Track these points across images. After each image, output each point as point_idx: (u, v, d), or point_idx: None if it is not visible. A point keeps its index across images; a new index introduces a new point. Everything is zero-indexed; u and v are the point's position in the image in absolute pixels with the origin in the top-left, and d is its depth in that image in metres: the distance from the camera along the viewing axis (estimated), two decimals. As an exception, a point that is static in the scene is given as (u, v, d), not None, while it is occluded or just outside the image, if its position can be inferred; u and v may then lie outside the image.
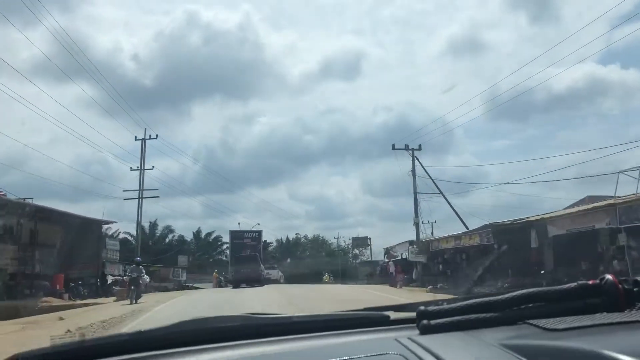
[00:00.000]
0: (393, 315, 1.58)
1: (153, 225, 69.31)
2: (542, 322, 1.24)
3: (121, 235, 63.72)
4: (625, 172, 24.25)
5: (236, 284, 35.95)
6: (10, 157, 63.70)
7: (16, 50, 66.84)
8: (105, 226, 38.02)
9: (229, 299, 22.61)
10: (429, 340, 1.25)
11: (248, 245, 60.68)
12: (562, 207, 28.83)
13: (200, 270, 65.19)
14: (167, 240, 71.57)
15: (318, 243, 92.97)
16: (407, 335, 1.31)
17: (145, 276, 27.13)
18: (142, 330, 1.47)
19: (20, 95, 64.34)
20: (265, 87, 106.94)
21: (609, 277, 1.32)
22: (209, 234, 78.03)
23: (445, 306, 1.40)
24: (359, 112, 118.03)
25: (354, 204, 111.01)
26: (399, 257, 42.50)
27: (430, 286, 30.28)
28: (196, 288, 43.57)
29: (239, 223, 62.26)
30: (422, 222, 39.57)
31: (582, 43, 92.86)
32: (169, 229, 70.43)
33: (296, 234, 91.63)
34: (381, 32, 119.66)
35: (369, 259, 65.46)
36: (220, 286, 43.96)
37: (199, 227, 78.51)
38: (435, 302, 1.52)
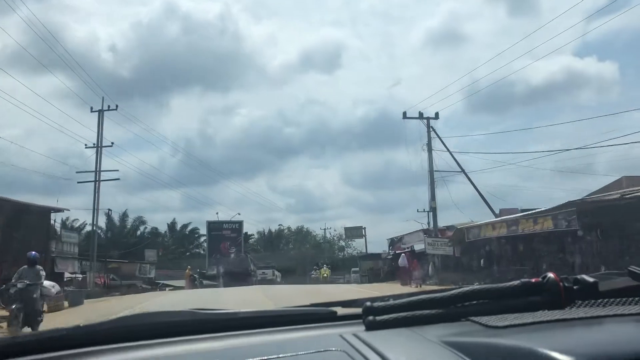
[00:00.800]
0: (340, 311, 1.56)
1: (123, 216, 63.47)
2: (484, 320, 1.25)
3: (87, 228, 58.33)
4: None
5: (226, 284, 35.50)
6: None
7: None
8: (64, 216, 31.92)
9: (207, 302, 17.62)
10: (372, 336, 1.26)
11: (227, 238, 55.21)
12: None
13: (174, 265, 60.00)
14: (138, 232, 65.78)
15: (302, 235, 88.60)
16: (352, 332, 1.31)
17: (48, 283, 15.85)
18: (81, 324, 1.43)
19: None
20: (245, 78, 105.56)
21: (550, 275, 1.33)
22: (184, 226, 72.21)
23: (391, 302, 1.40)
24: (340, 104, 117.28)
25: (334, 197, 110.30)
26: (408, 249, 37.16)
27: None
28: (167, 286, 37.68)
29: (217, 213, 56.72)
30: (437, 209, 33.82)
31: (559, 35, 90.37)
32: (140, 220, 64.46)
33: (279, 225, 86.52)
34: (361, 24, 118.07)
35: (362, 252, 59.67)
36: (195, 286, 38.16)
37: (174, 219, 72.82)
38: (382, 298, 1.51)
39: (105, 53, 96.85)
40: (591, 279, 1.34)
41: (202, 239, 67.35)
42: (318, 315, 1.56)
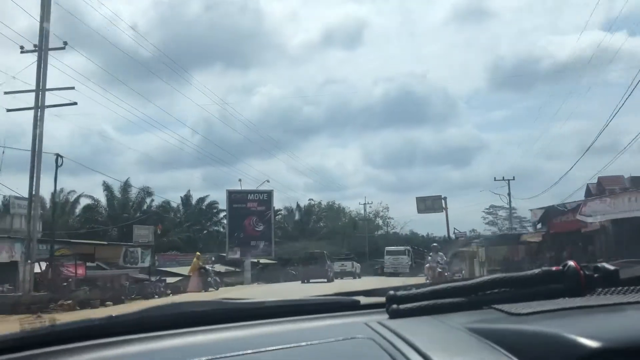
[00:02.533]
0: (363, 300, 1.59)
1: (125, 186, 51.83)
2: (506, 307, 1.27)
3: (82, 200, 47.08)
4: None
5: (305, 279, 33.60)
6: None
7: None
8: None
9: None
10: (397, 324, 1.27)
11: (253, 212, 43.20)
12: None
13: (190, 247, 48.87)
14: (144, 207, 54.36)
15: (334, 211, 76.76)
16: (377, 320, 1.34)
17: None
18: (114, 314, 1.47)
19: None
20: (265, 56, 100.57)
21: (571, 263, 1.35)
22: (201, 200, 60.67)
23: (414, 291, 1.42)
24: (361, 81, 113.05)
25: (354, 176, 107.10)
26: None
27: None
28: (165, 283, 25.23)
29: (239, 180, 44.49)
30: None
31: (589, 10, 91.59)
32: (146, 192, 52.62)
33: (309, 200, 74.63)
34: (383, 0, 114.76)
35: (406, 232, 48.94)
36: (207, 284, 25.40)
37: (188, 191, 61.20)
38: (405, 287, 1.53)
39: (127, 31, 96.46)
40: (612, 267, 1.36)
41: (222, 214, 55.92)
42: (342, 304, 1.58)
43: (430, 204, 43.32)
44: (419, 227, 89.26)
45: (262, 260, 44.30)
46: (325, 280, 33.71)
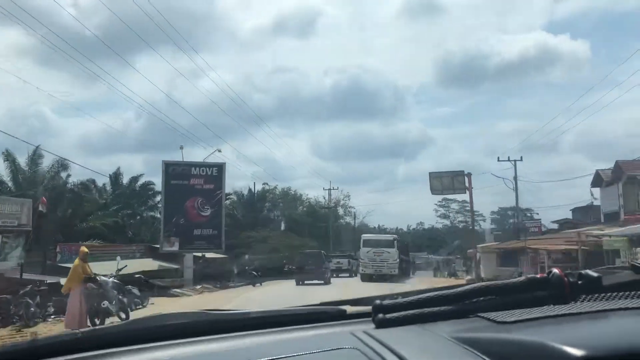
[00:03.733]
0: (349, 309, 1.58)
1: (33, 156, 40.23)
2: (492, 315, 1.27)
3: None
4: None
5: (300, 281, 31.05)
6: None
7: None
8: None
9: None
10: (384, 333, 1.27)
11: (199, 191, 32.77)
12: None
13: (117, 235, 38.43)
14: (60, 183, 42.89)
15: (289, 199, 67.31)
16: (363, 329, 1.33)
17: None
18: (96, 327, 1.33)
19: None
20: (215, 41, 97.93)
21: (555, 270, 1.36)
22: (134, 179, 49.63)
23: (401, 300, 1.41)
24: (311, 72, 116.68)
25: (303, 166, 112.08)
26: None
27: None
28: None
29: (181, 147, 33.64)
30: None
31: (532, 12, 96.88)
32: (61, 164, 41.07)
33: (263, 184, 64.96)
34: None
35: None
36: (99, 312, 13.29)
37: (118, 168, 49.95)
38: (391, 296, 1.52)
39: (69, 9, 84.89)
40: (595, 274, 1.37)
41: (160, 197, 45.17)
42: (328, 314, 1.56)
43: (448, 182, 31.77)
44: (379, 218, 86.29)
45: (208, 255, 34.00)
46: (322, 282, 31.53)
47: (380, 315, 1.35)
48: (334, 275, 38.97)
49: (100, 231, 38.80)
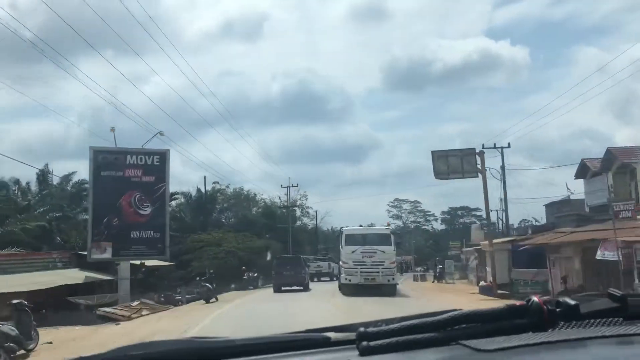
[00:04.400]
0: (334, 336, 1.58)
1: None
2: (473, 343, 1.30)
3: None
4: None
5: (278, 287, 30.10)
6: None
7: None
8: None
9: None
10: None
11: (137, 184, 26.67)
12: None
13: (44, 242, 32.51)
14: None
15: (242, 199, 61.71)
16: (347, 357, 1.37)
17: None
18: (85, 355, 1.49)
19: None
20: (160, 44, 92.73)
21: (534, 298, 1.39)
22: (66, 177, 43.00)
23: (384, 327, 1.43)
24: (258, 76, 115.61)
25: (251, 170, 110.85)
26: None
27: None
28: None
29: (112, 129, 27.25)
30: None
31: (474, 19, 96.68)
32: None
33: (214, 183, 59.26)
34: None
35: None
36: None
37: (46, 164, 43.14)
38: (375, 323, 1.54)
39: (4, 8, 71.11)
40: (572, 302, 1.39)
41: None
42: (312, 341, 1.57)
43: (456, 164, 24.97)
44: (329, 220, 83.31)
45: (149, 263, 27.97)
46: (301, 287, 30.40)
47: (365, 343, 1.35)
48: (314, 279, 39.02)
49: (19, 237, 32.30)
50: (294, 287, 29.97)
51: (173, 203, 52.90)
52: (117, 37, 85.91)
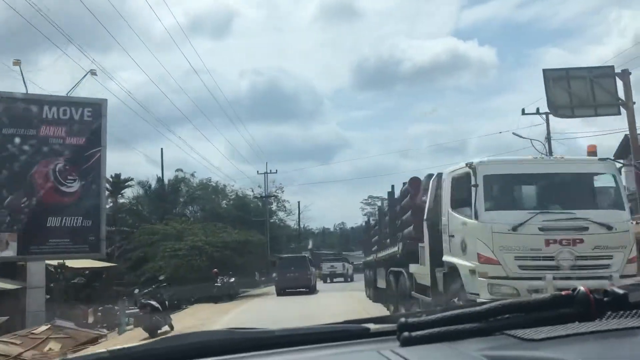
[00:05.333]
0: (373, 327, 1.56)
1: None
2: (519, 333, 1.28)
3: None
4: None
5: (281, 289, 28.31)
6: None
7: None
8: None
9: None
10: (410, 352, 1.28)
11: (56, 149, 18.08)
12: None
13: None
14: None
15: (210, 191, 53.60)
16: (389, 348, 1.34)
17: None
18: (121, 347, 1.48)
19: None
20: (126, 40, 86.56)
21: (581, 288, 1.35)
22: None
23: (425, 318, 1.41)
24: (227, 74, 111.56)
25: (220, 170, 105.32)
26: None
27: None
28: None
29: (16, 62, 18.57)
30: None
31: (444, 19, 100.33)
32: None
33: (177, 170, 51.34)
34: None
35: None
36: None
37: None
38: (415, 314, 1.53)
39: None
40: (621, 291, 1.35)
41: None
42: (352, 332, 1.56)
43: (584, 93, 16.32)
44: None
45: (78, 264, 19.41)
46: (307, 290, 28.32)
47: (406, 334, 1.34)
48: (328, 280, 39.63)
49: None
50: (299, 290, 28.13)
51: (130, 193, 44.88)
52: (83, 33, 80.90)
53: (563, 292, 1.37)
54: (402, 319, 1.40)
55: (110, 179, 54.13)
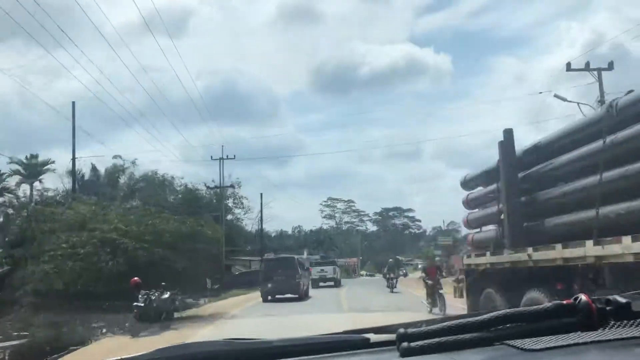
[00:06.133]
0: (373, 337, 1.54)
1: None
2: (519, 343, 1.27)
3: None
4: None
5: (268, 295, 26.52)
6: None
7: None
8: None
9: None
10: None
11: None
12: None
13: None
14: None
15: (156, 184, 44.97)
16: (389, 358, 1.35)
17: None
18: (121, 358, 1.46)
19: None
20: (77, 36, 76.98)
21: (582, 296, 1.33)
22: None
23: (425, 328, 1.40)
24: (182, 73, 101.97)
25: (173, 171, 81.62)
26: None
27: None
28: None
29: None
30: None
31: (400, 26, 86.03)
32: None
33: (115, 157, 43.22)
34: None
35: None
36: None
37: None
38: (415, 324, 1.50)
39: None
40: (624, 300, 1.32)
41: None
42: (351, 342, 1.54)
43: None
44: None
45: None
46: (296, 295, 26.02)
47: (405, 344, 1.32)
48: (318, 284, 37.23)
49: None
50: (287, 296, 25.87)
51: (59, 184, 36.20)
52: (29, 26, 74.41)
53: (565, 301, 1.33)
54: (402, 330, 1.37)
55: (24, 161, 45.29)
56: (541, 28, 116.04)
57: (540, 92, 33.09)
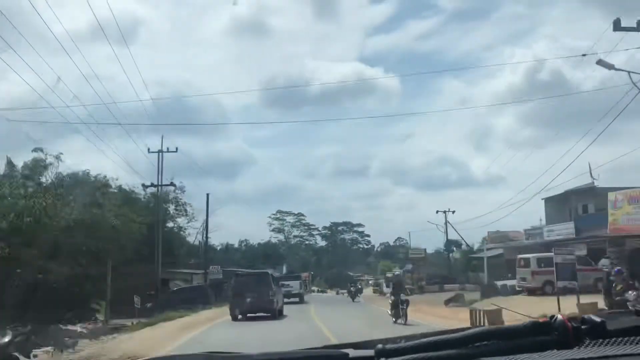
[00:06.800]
0: (352, 352, 1.54)
1: None
2: None
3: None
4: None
5: (238, 314, 24.50)
6: None
7: None
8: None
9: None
10: None
11: None
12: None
13: None
14: None
15: (88, 186, 38.57)
16: None
17: None
18: None
19: None
20: (18, 40, 56.10)
21: (558, 316, 1.35)
22: None
23: (403, 344, 1.40)
24: (128, 83, 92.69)
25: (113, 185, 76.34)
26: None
27: None
28: None
29: None
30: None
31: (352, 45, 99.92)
32: None
33: (35, 150, 36.78)
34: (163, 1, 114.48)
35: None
36: None
37: None
38: (394, 340, 1.51)
39: None
40: (599, 319, 1.35)
41: None
42: (331, 357, 1.54)
43: None
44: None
45: None
46: (270, 314, 23.57)
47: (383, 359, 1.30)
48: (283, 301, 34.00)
49: None
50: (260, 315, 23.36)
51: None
52: None
53: (541, 320, 1.33)
54: (380, 345, 1.36)
55: None
56: (485, 53, 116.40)
57: (584, 55, 29.14)
